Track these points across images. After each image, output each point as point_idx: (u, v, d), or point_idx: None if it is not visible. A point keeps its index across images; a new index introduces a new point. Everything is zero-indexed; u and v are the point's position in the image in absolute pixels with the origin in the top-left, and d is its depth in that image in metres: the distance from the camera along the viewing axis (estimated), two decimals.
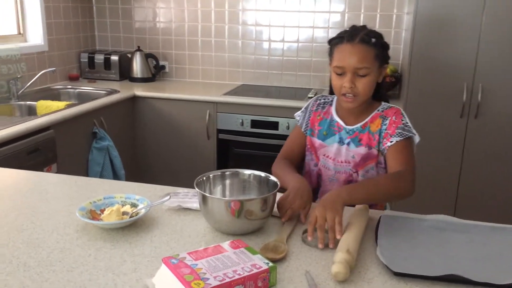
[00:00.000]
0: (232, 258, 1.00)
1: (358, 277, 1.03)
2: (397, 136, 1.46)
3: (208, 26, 3.64)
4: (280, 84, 3.61)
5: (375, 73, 1.46)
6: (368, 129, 1.53)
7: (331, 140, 1.57)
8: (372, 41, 1.44)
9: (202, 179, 1.29)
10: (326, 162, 1.59)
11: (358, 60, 1.42)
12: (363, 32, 1.46)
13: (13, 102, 2.92)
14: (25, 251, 1.10)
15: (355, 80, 1.44)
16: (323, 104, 1.64)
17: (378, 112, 1.54)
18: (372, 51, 1.44)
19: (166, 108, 3.22)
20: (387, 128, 1.49)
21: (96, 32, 3.89)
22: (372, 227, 1.25)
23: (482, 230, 1.24)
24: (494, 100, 2.70)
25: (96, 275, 1.01)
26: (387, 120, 1.50)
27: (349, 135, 1.55)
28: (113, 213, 1.23)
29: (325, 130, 1.59)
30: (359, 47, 1.43)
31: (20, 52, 3.05)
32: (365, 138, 1.52)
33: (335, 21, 3.40)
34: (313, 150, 1.62)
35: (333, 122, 1.58)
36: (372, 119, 1.53)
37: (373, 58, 1.44)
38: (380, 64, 1.48)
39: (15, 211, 1.32)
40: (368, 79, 1.44)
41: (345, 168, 1.56)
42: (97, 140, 2.84)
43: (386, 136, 1.49)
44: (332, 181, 1.58)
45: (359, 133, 1.53)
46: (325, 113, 1.61)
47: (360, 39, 1.43)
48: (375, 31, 1.49)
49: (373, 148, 1.51)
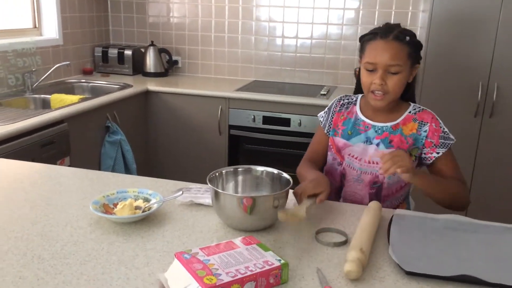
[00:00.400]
0: (244, 255, 1.00)
1: (370, 275, 1.03)
2: (442, 147, 1.48)
3: (222, 21, 3.64)
4: (292, 81, 3.60)
5: (406, 72, 1.44)
6: (400, 131, 1.49)
7: (356, 140, 1.53)
8: (406, 39, 1.42)
9: (215, 175, 1.29)
10: (351, 162, 1.55)
11: (390, 57, 1.40)
12: (397, 29, 1.44)
13: (27, 95, 2.95)
14: (39, 243, 1.12)
15: (385, 78, 1.42)
16: (347, 104, 1.61)
17: (410, 114, 1.51)
18: (406, 49, 1.42)
19: (179, 103, 3.23)
20: (429, 136, 1.48)
21: (110, 26, 3.91)
22: (384, 226, 1.24)
23: (494, 231, 1.23)
24: (509, 99, 2.67)
25: (109, 269, 1.02)
26: (425, 126, 1.48)
27: (378, 134, 1.51)
28: (126, 207, 1.24)
29: (350, 130, 1.55)
30: (393, 44, 1.41)
31: (36, 45, 3.08)
32: (397, 140, 1.49)
33: (349, 17, 3.38)
34: (335, 150, 1.59)
35: (358, 121, 1.55)
36: (404, 121, 1.50)
37: (406, 56, 1.42)
38: (412, 63, 1.45)
39: (29, 203, 1.33)
40: (399, 77, 1.42)
41: (371, 169, 1.52)
42: (110, 134, 2.86)
43: (429, 145, 1.48)
44: (357, 182, 1.55)
45: (389, 134, 1.50)
46: (348, 113, 1.58)
47: (394, 36, 1.41)
48: (409, 30, 1.47)
49: (404, 151, 1.45)
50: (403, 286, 0.99)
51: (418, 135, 1.48)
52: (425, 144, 1.48)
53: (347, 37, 3.42)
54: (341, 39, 3.43)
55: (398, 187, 1.53)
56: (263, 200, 1.16)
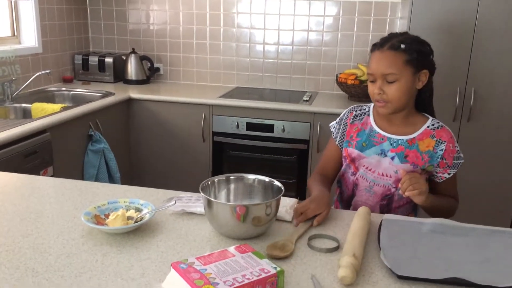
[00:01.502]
0: (240, 263, 1.01)
1: (363, 280, 1.05)
2: (453, 168, 1.51)
3: (203, 28, 3.65)
4: (274, 87, 3.63)
5: (406, 80, 1.43)
6: (416, 147, 1.49)
7: (371, 152, 1.53)
8: (402, 47, 1.42)
9: (207, 183, 1.30)
10: (365, 173, 1.56)
11: (384, 66, 1.42)
12: (396, 38, 1.45)
13: (7, 104, 2.90)
14: (32, 256, 1.11)
15: (384, 87, 1.44)
16: (360, 115, 1.60)
17: (428, 130, 1.51)
18: (402, 56, 1.42)
19: (162, 111, 3.22)
20: (445, 156, 1.49)
21: (90, 34, 3.88)
22: (374, 231, 1.27)
23: (482, 233, 1.26)
24: (486, 104, 2.75)
25: (105, 280, 1.02)
26: (442, 145, 1.48)
27: (392, 147, 1.50)
28: (118, 218, 1.24)
29: (364, 141, 1.55)
30: (387, 54, 1.43)
31: (15, 54, 3.04)
32: (412, 156, 1.49)
33: (329, 24, 3.43)
34: (349, 160, 1.59)
35: (373, 133, 1.55)
36: (422, 136, 1.50)
37: (402, 63, 1.42)
38: (416, 70, 1.45)
39: (18, 215, 1.32)
40: (397, 86, 1.43)
41: (384, 182, 1.54)
42: (93, 143, 2.84)
43: (443, 166, 1.50)
44: (369, 192, 1.56)
45: (405, 148, 1.49)
46: (363, 124, 1.58)
47: (389, 45, 1.44)
48: (413, 38, 1.48)
49: (418, 167, 1.49)
50: None
51: (434, 153, 1.49)
52: (440, 164, 1.50)
53: (327, 43, 3.46)
54: (322, 45, 3.48)
55: (408, 199, 1.52)
56: (256, 208, 1.18)
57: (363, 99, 3.14)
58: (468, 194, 2.87)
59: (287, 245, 1.17)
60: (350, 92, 3.19)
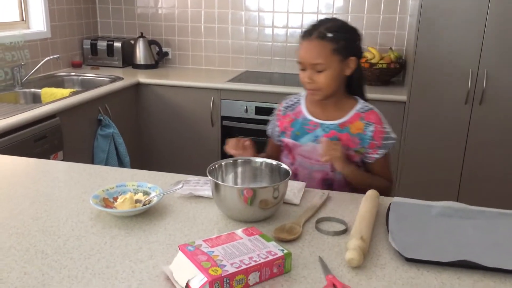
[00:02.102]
0: (247, 245, 1.01)
1: (371, 263, 1.05)
2: (383, 148, 1.53)
3: (211, 12, 3.62)
4: (283, 71, 3.60)
5: (334, 68, 1.46)
6: (348, 130, 1.52)
7: (305, 140, 1.56)
8: (328, 36, 1.44)
9: (214, 167, 1.30)
10: (302, 161, 1.59)
11: (312, 56, 1.45)
12: (323, 26, 1.46)
13: (17, 89, 2.92)
14: (41, 239, 1.12)
15: (313, 76, 1.47)
16: (292, 105, 1.64)
17: (357, 113, 1.54)
18: (329, 45, 1.44)
19: (170, 95, 3.22)
20: (374, 138, 1.52)
21: (98, 18, 3.87)
22: (382, 214, 1.27)
23: (490, 216, 1.25)
24: (499, 86, 2.70)
25: (114, 262, 1.02)
26: (371, 127, 1.52)
27: (325, 133, 1.54)
28: (126, 201, 1.24)
29: (298, 130, 1.58)
30: (314, 43, 1.45)
31: (24, 39, 3.04)
32: (344, 139, 1.52)
33: (339, 6, 3.39)
34: (287, 149, 1.63)
35: (306, 121, 1.58)
36: (352, 119, 1.53)
37: (329, 52, 1.44)
38: (343, 57, 1.47)
39: (28, 199, 1.33)
40: (326, 74, 1.45)
41: (322, 168, 1.56)
42: (102, 127, 2.85)
43: (373, 147, 1.53)
44: (310, 179, 1.57)
45: (336, 132, 1.53)
46: (295, 114, 1.61)
47: (316, 35, 1.45)
48: (340, 25, 1.50)
49: (351, 149, 1.52)
50: (403, 272, 1.02)
51: (364, 135, 1.52)
52: (370, 145, 1.53)
53: None
54: None
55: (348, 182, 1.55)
56: (264, 191, 1.17)
57: (373, 83, 3.11)
58: (481, 177, 2.85)
59: (295, 228, 1.17)
60: None
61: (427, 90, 2.79)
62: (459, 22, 2.66)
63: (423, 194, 1.74)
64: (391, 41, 3.35)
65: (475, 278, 1.00)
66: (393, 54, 3.18)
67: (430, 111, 2.80)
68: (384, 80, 3.12)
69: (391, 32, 3.34)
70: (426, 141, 2.85)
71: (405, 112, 2.84)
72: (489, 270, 1.01)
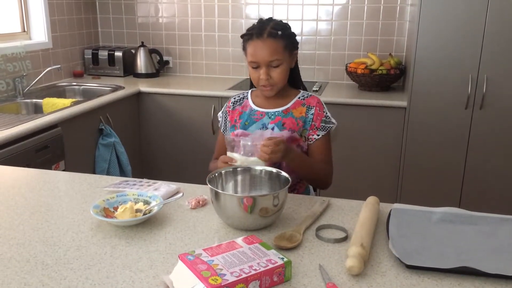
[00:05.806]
0: (247, 254, 1.01)
1: (371, 270, 1.05)
2: (322, 130, 1.61)
3: (212, 20, 3.64)
4: None
5: (287, 62, 1.57)
6: (291, 114, 1.61)
7: (253, 128, 1.63)
8: (279, 33, 1.52)
9: (214, 175, 1.30)
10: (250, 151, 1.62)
11: (269, 54, 1.51)
12: (269, 26, 1.54)
13: (19, 100, 2.93)
14: (42, 249, 1.12)
15: (269, 72, 1.54)
16: (239, 100, 1.72)
17: (299, 100, 1.64)
18: (281, 42, 1.53)
19: (171, 104, 3.23)
20: (313, 120, 1.61)
21: (99, 28, 3.89)
22: (383, 220, 1.26)
23: (491, 222, 1.25)
24: (499, 91, 2.70)
25: (114, 272, 1.02)
26: (312, 110, 1.61)
27: (271, 119, 1.62)
28: (126, 210, 1.24)
29: (246, 120, 1.66)
30: (268, 42, 1.52)
31: (25, 50, 3.06)
32: (289, 122, 1.60)
33: (338, 13, 3.40)
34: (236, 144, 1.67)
35: (253, 112, 1.66)
36: (294, 105, 1.63)
37: (282, 49, 1.53)
38: (290, 52, 1.57)
39: (29, 209, 1.34)
40: (282, 69, 1.55)
41: None
42: (104, 137, 2.86)
43: (312, 128, 1.61)
44: None
45: (281, 118, 1.61)
46: (243, 107, 1.69)
47: (268, 33, 1.52)
48: (281, 22, 1.58)
49: (295, 132, 1.60)
50: (404, 279, 1.01)
51: (306, 117, 1.61)
52: (310, 126, 1.61)
53: (336, 32, 3.43)
54: (331, 35, 3.45)
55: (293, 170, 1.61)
56: (264, 200, 1.17)
57: (374, 89, 3.11)
58: (482, 182, 2.84)
59: (295, 236, 1.17)
60: (360, 81, 3.16)
61: (428, 96, 2.79)
62: (459, 27, 2.66)
63: (425, 199, 1.74)
64: (391, 47, 3.36)
65: (476, 285, 0.99)
66: (393, 60, 3.18)
67: (430, 116, 2.80)
68: (384, 86, 3.12)
69: (390, 38, 3.35)
70: (427, 146, 2.85)
71: (406, 118, 2.84)
72: (490, 277, 1.00)
